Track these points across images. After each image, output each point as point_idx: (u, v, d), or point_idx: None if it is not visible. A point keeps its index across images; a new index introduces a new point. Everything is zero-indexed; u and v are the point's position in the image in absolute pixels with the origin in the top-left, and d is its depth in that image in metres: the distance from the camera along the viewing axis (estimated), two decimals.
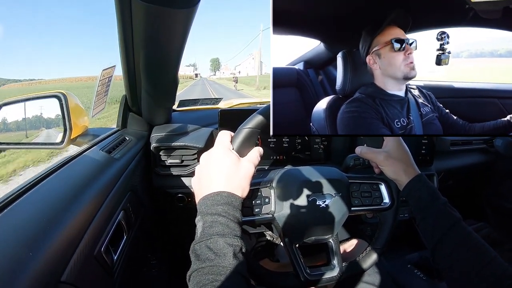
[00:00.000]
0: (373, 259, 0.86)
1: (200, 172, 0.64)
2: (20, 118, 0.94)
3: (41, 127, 0.96)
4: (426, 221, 0.71)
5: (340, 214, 0.79)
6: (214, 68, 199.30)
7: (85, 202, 0.70)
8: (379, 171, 0.82)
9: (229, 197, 0.58)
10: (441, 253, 0.68)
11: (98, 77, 1.14)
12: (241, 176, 0.62)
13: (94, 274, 0.70)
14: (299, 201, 0.76)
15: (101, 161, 0.90)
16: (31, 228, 0.55)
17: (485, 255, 0.62)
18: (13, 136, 0.95)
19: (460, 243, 0.66)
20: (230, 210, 0.57)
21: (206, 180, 0.61)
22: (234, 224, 0.56)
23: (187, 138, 1.21)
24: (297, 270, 0.78)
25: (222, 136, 0.67)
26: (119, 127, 1.25)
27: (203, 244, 0.53)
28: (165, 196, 1.25)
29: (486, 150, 1.78)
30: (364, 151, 0.82)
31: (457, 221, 0.68)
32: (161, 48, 0.85)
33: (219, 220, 0.55)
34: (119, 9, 0.71)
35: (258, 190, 0.78)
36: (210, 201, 0.57)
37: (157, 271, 1.39)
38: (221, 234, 0.54)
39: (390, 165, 0.77)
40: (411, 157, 0.78)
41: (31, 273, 0.49)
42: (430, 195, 0.72)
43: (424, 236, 0.72)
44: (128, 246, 0.89)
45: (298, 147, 1.34)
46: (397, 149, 0.78)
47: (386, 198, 0.86)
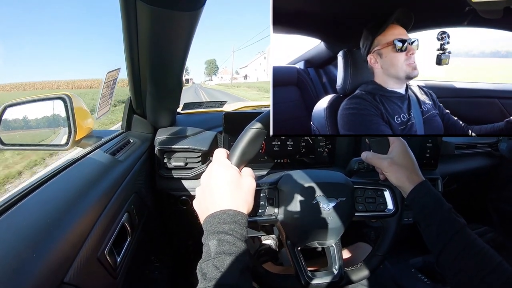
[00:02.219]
0: (375, 265, 0.85)
1: (202, 193, 0.64)
2: (24, 119, 0.95)
3: (60, 126, 0.97)
4: (431, 228, 0.70)
5: (344, 219, 0.78)
6: (210, 72, 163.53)
7: (89, 203, 0.70)
8: (384, 177, 0.82)
9: (236, 215, 0.58)
10: (445, 260, 0.67)
11: (103, 79, 1.15)
12: (245, 191, 0.62)
13: (97, 276, 0.70)
14: (303, 204, 0.76)
15: (105, 163, 0.91)
16: (35, 229, 0.55)
17: (490, 262, 0.62)
18: (18, 137, 0.96)
19: (464, 249, 0.65)
20: (237, 228, 0.57)
21: (210, 199, 0.61)
22: (241, 242, 0.56)
23: (191, 141, 1.21)
24: (298, 273, 0.78)
25: (218, 154, 0.67)
26: (124, 129, 1.25)
27: (210, 263, 0.53)
28: (168, 198, 1.25)
29: (491, 153, 1.77)
30: (369, 157, 0.81)
31: (461, 228, 0.67)
32: (166, 51, 0.85)
33: (226, 239, 0.55)
34: (124, 11, 0.71)
35: (262, 191, 0.78)
36: (217, 220, 0.57)
37: (160, 273, 1.39)
38: (228, 253, 0.53)
39: (394, 172, 0.77)
40: (416, 164, 0.77)
41: (34, 274, 0.49)
42: (434, 202, 0.72)
43: (429, 243, 0.72)
44: (131, 248, 0.89)
45: (302, 150, 1.34)
46: (402, 155, 0.77)
47: (390, 205, 0.85)
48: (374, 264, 0.85)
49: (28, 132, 0.97)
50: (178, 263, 1.59)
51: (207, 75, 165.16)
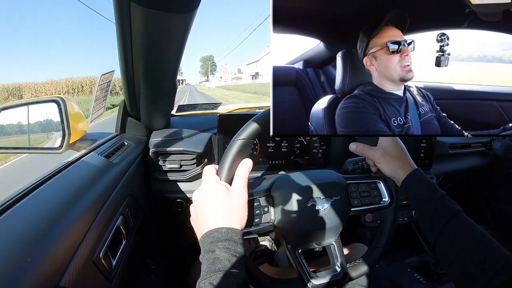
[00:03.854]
0: (376, 258, 0.86)
1: (195, 211, 0.65)
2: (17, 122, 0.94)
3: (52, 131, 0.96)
4: (425, 215, 0.71)
5: (341, 216, 0.78)
6: (206, 71, 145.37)
7: (84, 207, 0.70)
8: (376, 169, 0.82)
9: (228, 233, 0.59)
10: (442, 247, 0.68)
11: (97, 82, 1.14)
12: (236, 207, 0.63)
13: (93, 279, 0.70)
14: (298, 207, 0.75)
15: (99, 166, 0.90)
16: (29, 233, 0.54)
17: (487, 246, 0.62)
18: (12, 141, 0.95)
19: (460, 234, 0.65)
20: (231, 246, 0.57)
21: (203, 217, 0.62)
22: (236, 258, 0.57)
23: (185, 143, 1.21)
24: (302, 275, 0.78)
25: (206, 171, 0.68)
26: (118, 132, 1.25)
27: (207, 281, 0.54)
28: (163, 201, 1.25)
29: (485, 153, 1.79)
30: (360, 148, 0.82)
31: (456, 213, 0.67)
32: (160, 53, 0.85)
33: (220, 257, 0.56)
34: (118, 13, 0.71)
35: (256, 200, 0.78)
36: (210, 239, 0.58)
37: (156, 276, 1.38)
38: (223, 270, 0.54)
39: (387, 163, 0.77)
40: (407, 153, 0.78)
41: (29, 279, 0.48)
42: (427, 189, 0.72)
43: (425, 230, 0.72)
44: (127, 251, 0.89)
45: (297, 151, 1.34)
46: (393, 146, 0.78)
47: (385, 196, 0.86)
48: (375, 256, 0.86)
49: (21, 137, 0.96)
50: (173, 265, 1.58)
51: (203, 74, 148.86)
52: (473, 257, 0.62)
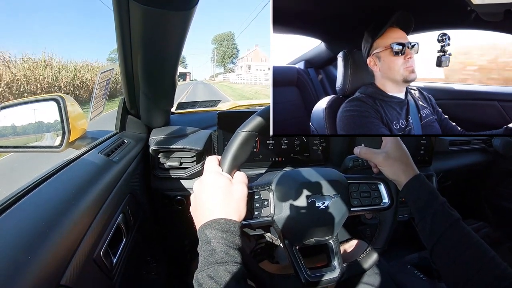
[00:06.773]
0: (373, 259, 0.86)
1: (195, 201, 0.65)
2: (17, 121, 0.94)
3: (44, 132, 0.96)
4: (425, 221, 0.71)
5: (340, 215, 0.78)
6: (222, 60, 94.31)
7: (84, 205, 0.70)
8: (378, 171, 0.82)
9: (226, 224, 0.58)
10: (439, 253, 0.68)
11: (97, 80, 1.14)
12: (236, 199, 0.63)
13: (94, 277, 0.70)
14: (298, 203, 0.76)
15: (99, 164, 0.90)
16: (29, 231, 0.54)
17: (484, 255, 0.62)
18: (12, 139, 0.95)
19: (458, 242, 0.66)
20: (228, 237, 0.57)
21: (202, 208, 0.62)
22: (233, 250, 0.57)
23: (185, 141, 1.21)
24: (298, 272, 0.78)
25: (209, 162, 0.68)
26: (118, 130, 1.25)
27: (205, 273, 0.54)
28: (164, 198, 1.25)
29: (485, 149, 1.79)
30: (363, 151, 0.82)
31: (455, 221, 0.68)
32: (159, 51, 0.85)
33: (218, 248, 0.56)
34: (117, 11, 0.71)
35: (257, 193, 0.78)
36: (208, 230, 0.58)
37: (156, 273, 1.38)
38: (221, 262, 0.54)
39: (389, 166, 0.77)
40: (410, 157, 0.78)
41: (30, 277, 0.48)
42: (428, 195, 0.72)
43: (423, 236, 0.72)
44: (127, 249, 0.89)
45: (296, 148, 1.34)
46: (396, 149, 0.78)
47: (385, 198, 0.86)
48: (372, 258, 0.86)
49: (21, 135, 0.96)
50: (174, 263, 1.58)
51: (220, 64, 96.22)
52: (471, 264, 0.62)
